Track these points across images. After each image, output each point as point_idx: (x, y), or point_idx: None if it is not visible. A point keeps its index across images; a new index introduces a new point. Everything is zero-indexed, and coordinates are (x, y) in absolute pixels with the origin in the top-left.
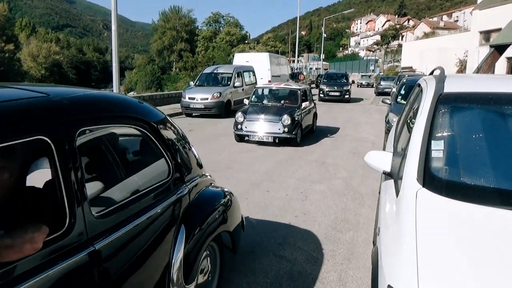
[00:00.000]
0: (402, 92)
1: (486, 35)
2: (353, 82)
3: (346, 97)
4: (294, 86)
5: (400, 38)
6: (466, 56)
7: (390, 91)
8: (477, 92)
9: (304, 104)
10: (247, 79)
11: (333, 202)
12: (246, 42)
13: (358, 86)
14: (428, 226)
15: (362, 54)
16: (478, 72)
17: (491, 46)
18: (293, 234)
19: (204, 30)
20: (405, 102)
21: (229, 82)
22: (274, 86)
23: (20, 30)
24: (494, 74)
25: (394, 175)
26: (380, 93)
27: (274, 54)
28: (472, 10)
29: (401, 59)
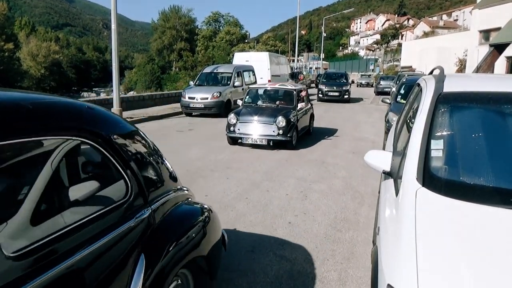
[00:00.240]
0: (402, 91)
1: (485, 34)
2: (352, 82)
3: (346, 97)
4: (290, 87)
5: (399, 37)
6: (466, 55)
7: (389, 91)
8: (476, 91)
9: (300, 105)
10: (247, 79)
11: (333, 202)
12: (246, 41)
13: (358, 86)
14: (427, 225)
15: (362, 53)
16: (477, 71)
17: (491, 45)
18: (293, 233)
19: (204, 29)
20: (404, 102)
21: (229, 82)
22: (268, 86)
23: (19, 29)
24: (493, 73)
25: (394, 175)
26: (379, 92)
27: (274, 53)
28: (471, 9)
29: (400, 59)
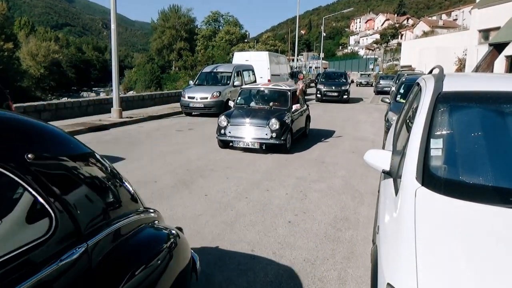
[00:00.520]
0: (401, 91)
1: (485, 34)
2: (352, 81)
3: (345, 97)
4: (284, 87)
5: (399, 37)
6: (465, 54)
7: (389, 90)
8: (476, 90)
9: (295, 106)
10: (247, 78)
11: (332, 201)
12: (246, 41)
13: (357, 85)
14: (427, 224)
15: (362, 53)
16: (477, 70)
17: (490, 45)
18: (292, 233)
19: (203, 29)
20: (404, 101)
21: (228, 81)
22: (262, 86)
23: (19, 29)
24: (493, 72)
25: (393, 174)
26: (379, 92)
27: (273, 53)
28: (471, 9)
29: (400, 58)
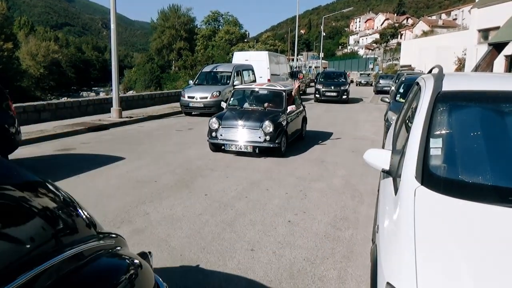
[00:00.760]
0: (401, 90)
1: (484, 33)
2: (351, 81)
3: (344, 97)
4: (278, 87)
5: (399, 36)
6: (465, 54)
7: (389, 90)
8: (475, 90)
9: (290, 107)
10: (247, 78)
11: (332, 200)
12: (246, 40)
13: (357, 85)
14: (426, 223)
15: (361, 52)
16: (476, 70)
17: (490, 44)
18: (292, 232)
19: (203, 28)
20: (403, 101)
21: (228, 81)
22: (255, 87)
23: (18, 28)
24: (492, 72)
25: (393, 173)
26: (379, 91)
27: (273, 52)
28: (470, 8)
29: (400, 58)
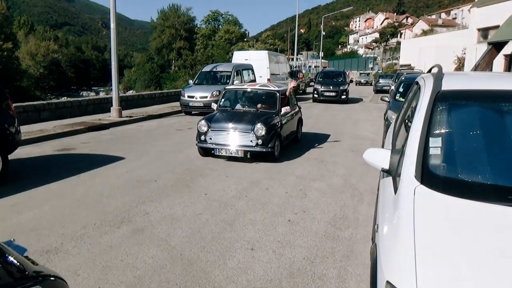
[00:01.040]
0: (401, 89)
1: (484, 33)
2: (351, 81)
3: (343, 97)
4: (272, 87)
5: (398, 35)
6: (464, 53)
7: (388, 89)
8: (474, 89)
9: (284, 109)
10: (246, 77)
11: (332, 200)
12: (245, 40)
13: (357, 84)
14: (426, 222)
15: (361, 52)
16: (476, 69)
17: (489, 44)
18: (292, 231)
19: (203, 28)
20: (403, 100)
21: (228, 80)
22: (248, 87)
23: (18, 28)
24: (491, 71)
25: (393, 172)
26: (378, 91)
27: (273, 52)
28: (470, 7)
29: (399, 57)
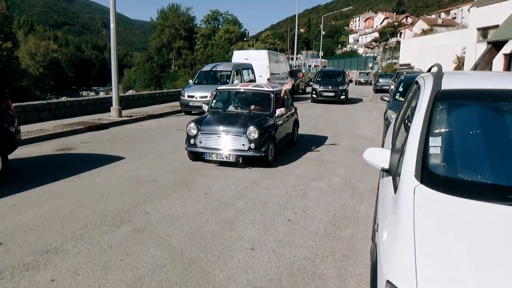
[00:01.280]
0: (400, 89)
1: (483, 32)
2: (350, 81)
3: (342, 98)
4: (266, 88)
5: (398, 35)
6: (464, 53)
7: (388, 89)
8: (474, 89)
9: (279, 110)
10: (246, 77)
11: (332, 199)
12: (245, 39)
13: (357, 84)
14: (426, 222)
15: (361, 51)
16: (475, 69)
17: (489, 43)
18: (292, 231)
19: (202, 27)
20: (403, 99)
21: (228, 80)
22: (241, 88)
23: (18, 28)
24: (491, 70)
25: (393, 172)
26: (378, 90)
27: (273, 51)
28: (469, 7)
29: (399, 56)
